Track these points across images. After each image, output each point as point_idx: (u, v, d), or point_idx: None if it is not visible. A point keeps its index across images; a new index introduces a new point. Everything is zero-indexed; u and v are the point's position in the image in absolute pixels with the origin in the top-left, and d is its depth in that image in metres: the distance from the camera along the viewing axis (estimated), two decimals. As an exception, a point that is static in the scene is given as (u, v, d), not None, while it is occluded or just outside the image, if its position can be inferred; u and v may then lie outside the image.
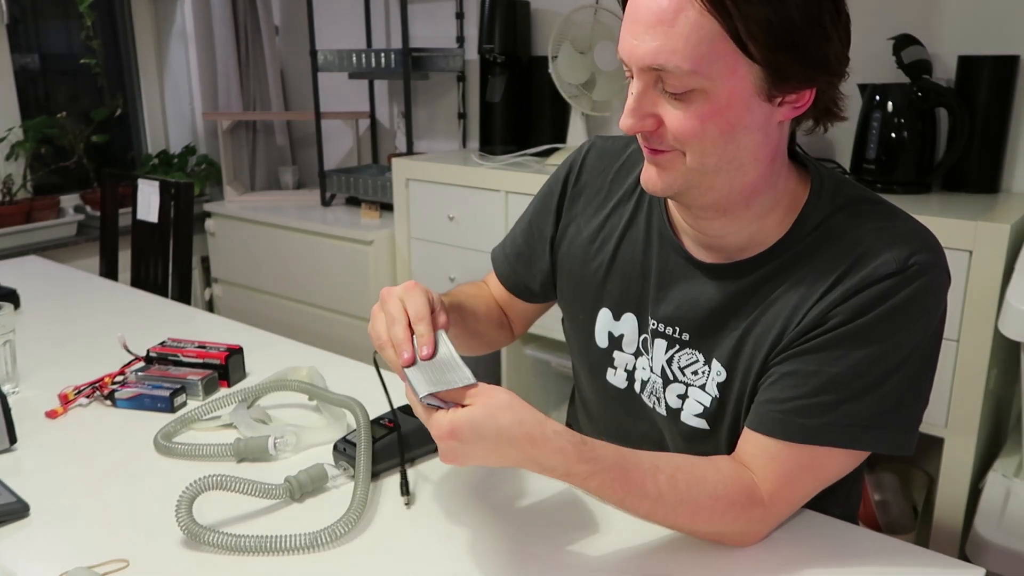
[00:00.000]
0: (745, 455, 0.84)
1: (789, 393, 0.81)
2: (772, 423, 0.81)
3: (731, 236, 0.87)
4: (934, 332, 0.82)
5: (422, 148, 2.88)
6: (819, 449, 0.80)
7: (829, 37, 0.76)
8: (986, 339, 1.48)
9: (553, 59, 2.12)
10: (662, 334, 0.93)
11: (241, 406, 1.12)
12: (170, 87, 3.41)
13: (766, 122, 0.78)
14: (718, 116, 0.75)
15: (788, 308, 0.83)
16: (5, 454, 1.05)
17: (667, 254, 0.93)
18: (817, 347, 0.80)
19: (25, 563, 0.83)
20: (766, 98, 0.76)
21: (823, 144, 2.03)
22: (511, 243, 1.12)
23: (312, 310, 2.74)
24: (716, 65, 0.73)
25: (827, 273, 0.81)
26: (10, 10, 2.89)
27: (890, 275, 0.78)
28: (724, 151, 0.78)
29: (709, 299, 0.89)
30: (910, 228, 0.82)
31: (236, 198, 3.05)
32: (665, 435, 0.98)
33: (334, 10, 3.02)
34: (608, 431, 1.04)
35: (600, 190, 1.01)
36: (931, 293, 0.80)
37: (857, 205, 0.84)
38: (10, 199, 2.82)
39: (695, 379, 0.91)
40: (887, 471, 1.90)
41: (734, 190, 0.82)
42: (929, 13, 1.84)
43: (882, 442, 0.81)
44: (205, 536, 0.83)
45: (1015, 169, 1.80)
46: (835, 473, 0.84)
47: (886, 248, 0.79)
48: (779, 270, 0.85)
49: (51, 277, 1.89)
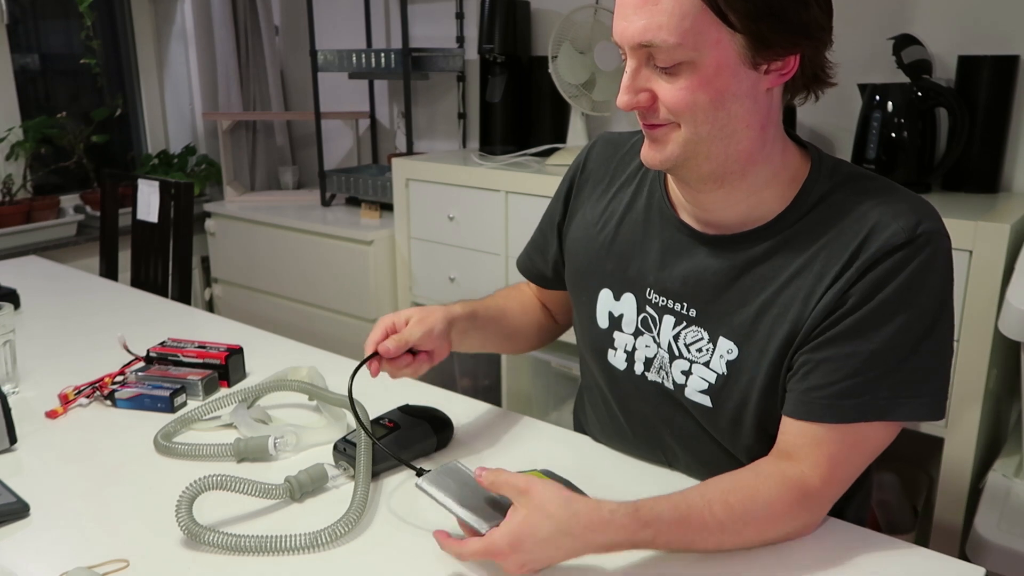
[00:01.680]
0: (789, 445, 0.85)
1: (831, 378, 0.83)
2: (820, 409, 0.83)
3: (730, 209, 0.89)
4: (950, 296, 0.84)
5: (422, 148, 2.88)
6: (865, 425, 0.82)
7: (807, 4, 0.79)
8: (986, 339, 1.47)
9: (553, 59, 2.12)
10: (670, 310, 0.95)
11: (241, 406, 1.12)
12: (170, 87, 3.41)
13: (754, 89, 0.82)
14: (707, 86, 0.79)
15: (804, 289, 0.85)
16: (5, 454, 1.05)
17: (670, 232, 0.95)
18: (847, 328, 0.82)
19: (25, 563, 0.83)
20: (751, 66, 0.80)
21: (823, 144, 2.03)
22: (533, 236, 1.18)
23: (312, 310, 2.74)
24: (700, 37, 0.77)
25: (839, 251, 0.83)
26: (10, 10, 2.89)
27: (902, 245, 0.81)
28: (715, 119, 0.81)
29: (715, 273, 0.91)
30: (911, 200, 0.85)
31: (236, 198, 3.05)
32: (669, 415, 0.98)
33: (334, 10, 3.02)
34: (614, 415, 1.06)
35: (604, 177, 1.05)
36: (941, 258, 0.82)
37: (856, 182, 0.87)
38: (10, 199, 2.82)
39: (699, 356, 0.93)
40: (887, 471, 1.90)
41: (729, 158, 0.85)
42: (929, 13, 1.84)
43: (921, 410, 0.83)
44: (205, 536, 0.83)
45: (1015, 169, 1.80)
46: (879, 447, 0.86)
47: (893, 220, 0.82)
48: (783, 244, 0.87)
49: (51, 277, 1.89)
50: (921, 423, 1.58)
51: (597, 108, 2.21)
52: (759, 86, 0.82)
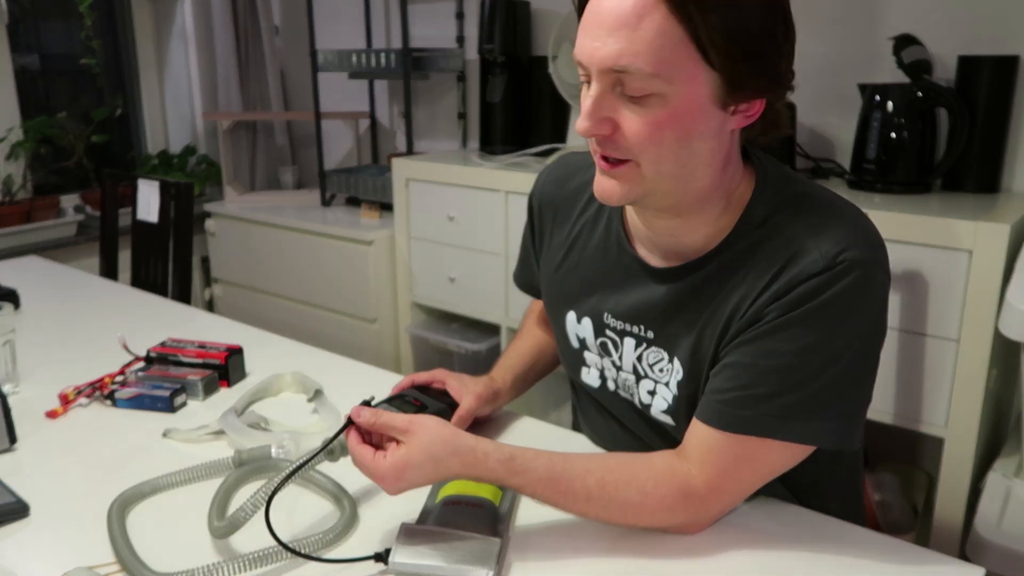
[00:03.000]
0: (688, 444, 0.86)
1: (728, 384, 0.83)
2: (712, 413, 0.84)
3: (686, 237, 0.89)
4: (871, 327, 0.83)
5: (422, 148, 2.88)
6: (756, 440, 0.82)
7: (781, 51, 0.79)
8: (986, 339, 1.48)
9: (553, 59, 2.12)
10: (629, 332, 0.95)
11: (230, 412, 1.10)
12: (170, 87, 3.41)
13: (719, 130, 0.81)
14: (675, 122, 0.77)
15: (731, 305, 0.85)
16: (5, 454, 1.05)
17: (626, 261, 0.95)
18: (753, 339, 0.82)
19: (25, 563, 0.83)
20: (721, 106, 0.79)
21: (823, 144, 2.03)
22: (520, 252, 1.19)
23: (312, 310, 2.74)
24: (677, 70, 0.75)
25: (764, 271, 0.83)
26: (10, 10, 2.89)
27: (817, 273, 0.80)
28: (679, 157, 0.80)
29: (662, 299, 0.91)
30: (845, 224, 0.83)
31: (236, 198, 3.05)
32: (639, 432, 1.00)
33: (334, 10, 3.02)
34: (596, 429, 1.08)
35: (561, 207, 1.05)
36: (862, 288, 0.80)
37: (798, 203, 0.86)
38: (10, 199, 2.82)
39: (661, 376, 0.94)
40: (887, 471, 1.90)
41: (687, 195, 0.84)
42: (929, 13, 1.84)
43: (821, 435, 0.82)
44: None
45: (1015, 169, 1.80)
46: (777, 466, 0.85)
47: (815, 246, 0.81)
48: (723, 267, 0.87)
49: (51, 277, 1.89)
50: (921, 423, 1.59)
51: (597, 108, 2.21)
52: (725, 126, 0.81)
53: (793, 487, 0.94)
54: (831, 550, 0.84)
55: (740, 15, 0.74)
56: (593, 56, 0.77)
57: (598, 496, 0.83)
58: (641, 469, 0.85)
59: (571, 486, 0.83)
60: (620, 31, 0.74)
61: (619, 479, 0.83)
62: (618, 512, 0.84)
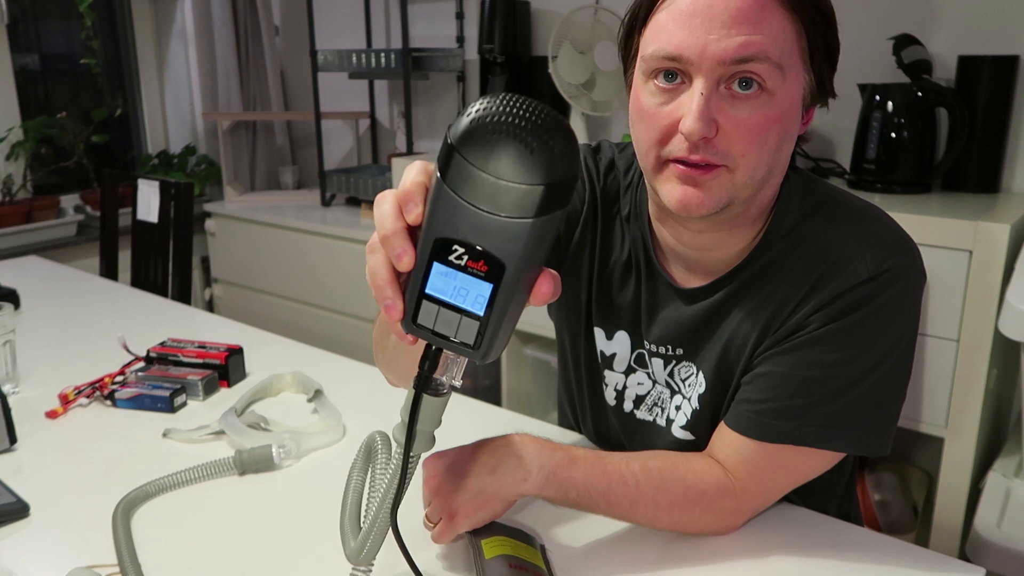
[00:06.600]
0: (718, 452, 0.84)
1: (764, 395, 0.81)
2: (747, 423, 0.82)
3: (718, 252, 0.85)
4: (913, 331, 0.82)
5: (422, 148, 2.87)
6: (793, 448, 0.81)
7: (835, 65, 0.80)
8: (986, 339, 1.48)
9: (553, 59, 2.12)
10: (657, 353, 0.93)
11: (230, 413, 1.09)
12: (170, 87, 3.41)
13: (796, 134, 0.80)
14: (779, 122, 0.75)
15: (764, 318, 0.83)
16: (5, 454, 1.05)
17: (653, 281, 0.92)
18: (791, 349, 0.81)
19: (25, 563, 0.83)
20: (804, 109, 0.79)
21: (823, 144, 2.03)
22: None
23: (312, 310, 2.74)
24: (790, 66, 0.75)
25: (801, 281, 0.81)
26: (10, 10, 2.89)
27: (863, 282, 0.78)
28: (772, 161, 0.77)
29: (691, 316, 0.89)
30: (882, 230, 0.82)
31: (236, 198, 3.05)
32: (652, 446, 0.96)
33: (334, 10, 3.02)
34: (601, 443, 1.05)
35: (591, 212, 0.96)
36: (906, 296, 0.79)
37: (826, 208, 0.84)
38: (10, 199, 2.82)
39: (688, 391, 0.91)
40: (887, 471, 1.90)
41: (754, 205, 0.81)
42: (929, 13, 1.84)
43: (857, 443, 0.81)
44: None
45: (1015, 169, 1.81)
46: (810, 472, 0.84)
47: (858, 254, 0.79)
48: (754, 277, 0.84)
49: (51, 277, 1.89)
50: (921, 423, 1.59)
51: (597, 108, 2.21)
52: (797, 132, 0.80)
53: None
54: (831, 550, 0.84)
55: (828, 20, 0.76)
56: (707, 49, 0.72)
57: (645, 482, 0.81)
58: (680, 460, 0.83)
59: (618, 469, 0.81)
60: (742, 24, 0.72)
61: (662, 466, 0.82)
62: (665, 502, 0.81)
